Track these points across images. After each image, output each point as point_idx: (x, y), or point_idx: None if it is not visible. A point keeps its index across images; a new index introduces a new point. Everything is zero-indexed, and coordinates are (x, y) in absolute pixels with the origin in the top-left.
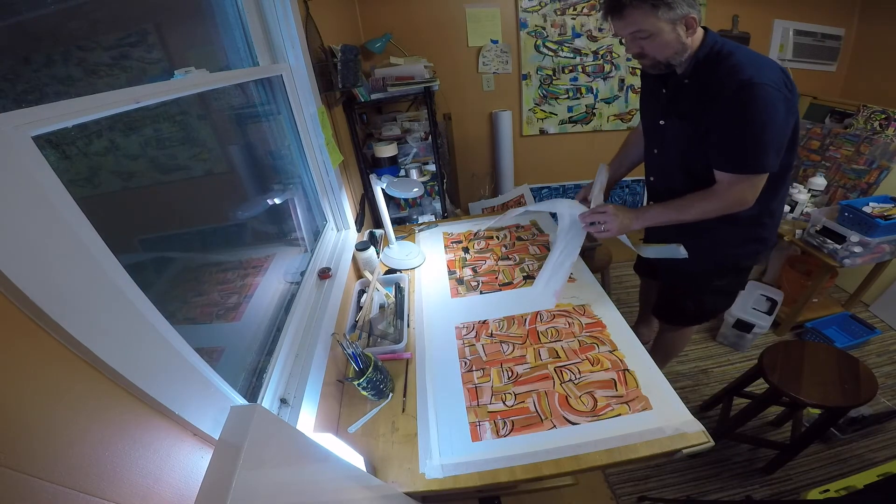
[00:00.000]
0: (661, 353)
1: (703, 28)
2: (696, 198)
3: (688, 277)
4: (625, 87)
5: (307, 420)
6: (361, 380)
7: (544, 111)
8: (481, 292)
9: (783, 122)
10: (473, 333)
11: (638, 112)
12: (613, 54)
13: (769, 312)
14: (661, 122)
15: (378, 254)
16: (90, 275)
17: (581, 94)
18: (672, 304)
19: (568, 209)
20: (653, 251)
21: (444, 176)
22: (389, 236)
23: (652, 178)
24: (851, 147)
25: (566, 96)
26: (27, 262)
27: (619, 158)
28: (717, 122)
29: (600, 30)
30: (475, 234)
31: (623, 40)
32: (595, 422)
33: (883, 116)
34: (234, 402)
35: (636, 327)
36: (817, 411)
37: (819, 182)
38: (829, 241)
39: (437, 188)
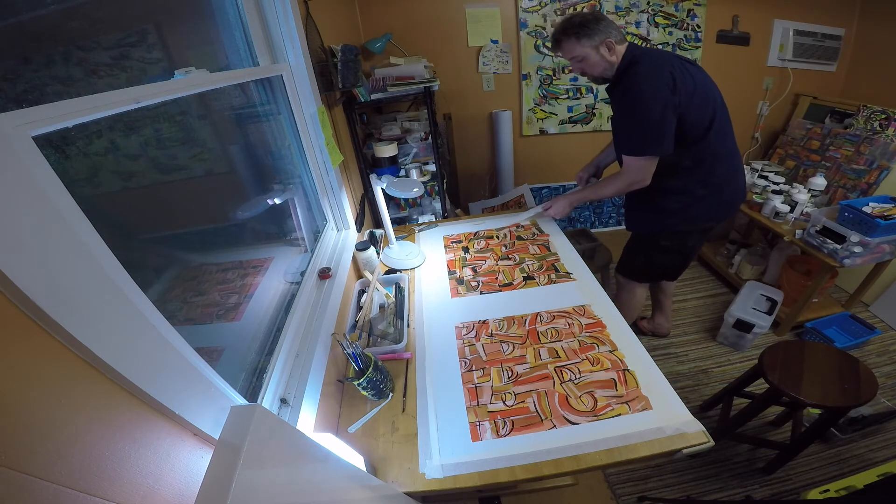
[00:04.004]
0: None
1: (629, 43)
2: (608, 179)
3: (637, 238)
4: None
5: (307, 420)
6: (361, 380)
7: (544, 111)
8: (481, 292)
9: (659, 118)
10: (473, 333)
11: None
12: None
13: (769, 312)
14: None
15: (378, 254)
16: (90, 275)
17: (581, 94)
18: (627, 259)
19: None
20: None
21: (444, 176)
22: (389, 236)
23: None
24: (851, 147)
25: (566, 96)
26: (27, 262)
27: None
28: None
29: None
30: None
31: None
32: (595, 422)
33: (883, 116)
34: (235, 402)
35: (652, 317)
36: (817, 411)
37: (819, 182)
38: (829, 241)
39: (437, 188)
